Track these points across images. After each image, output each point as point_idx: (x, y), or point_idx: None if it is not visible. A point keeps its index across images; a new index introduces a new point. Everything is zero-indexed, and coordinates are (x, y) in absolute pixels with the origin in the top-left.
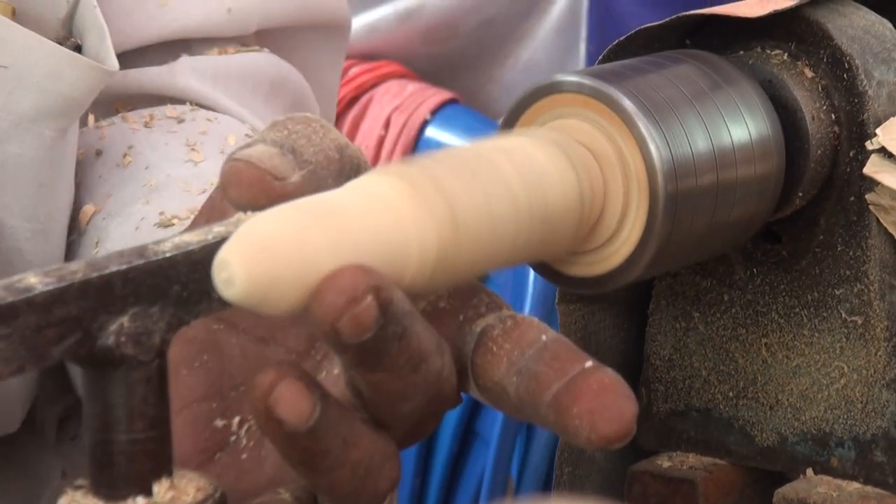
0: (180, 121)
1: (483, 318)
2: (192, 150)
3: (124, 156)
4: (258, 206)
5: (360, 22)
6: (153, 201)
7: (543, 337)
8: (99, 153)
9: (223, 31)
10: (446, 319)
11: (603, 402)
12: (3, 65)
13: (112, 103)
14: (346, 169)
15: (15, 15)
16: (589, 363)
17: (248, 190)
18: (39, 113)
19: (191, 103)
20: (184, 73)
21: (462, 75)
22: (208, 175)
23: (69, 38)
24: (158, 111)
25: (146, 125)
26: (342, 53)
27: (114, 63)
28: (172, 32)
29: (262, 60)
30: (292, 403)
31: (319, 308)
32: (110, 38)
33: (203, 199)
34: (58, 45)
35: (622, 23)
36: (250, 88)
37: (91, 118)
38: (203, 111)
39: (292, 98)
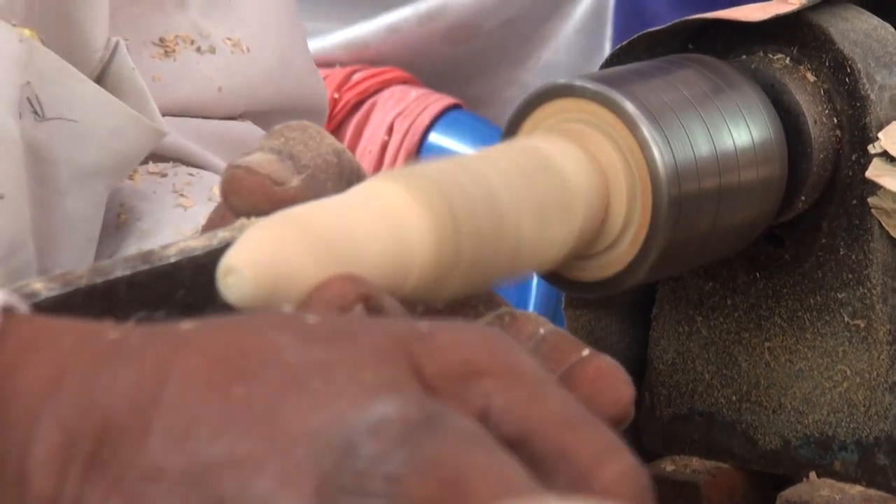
0: (163, 175)
1: (482, 317)
2: (181, 195)
3: (118, 215)
4: (259, 211)
5: (380, 24)
6: (146, 247)
7: (541, 330)
8: None
9: (212, 110)
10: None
11: (600, 388)
12: (73, 119)
13: None
14: (345, 172)
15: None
16: (586, 352)
17: (248, 196)
18: (99, 169)
19: (173, 161)
20: (168, 129)
21: (482, 77)
22: (199, 218)
23: None
24: (141, 168)
25: (130, 178)
26: None
27: (164, 125)
28: (163, 107)
29: (242, 128)
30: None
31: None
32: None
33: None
34: (124, 105)
35: (648, 21)
36: (231, 149)
37: None
38: (185, 167)
39: None
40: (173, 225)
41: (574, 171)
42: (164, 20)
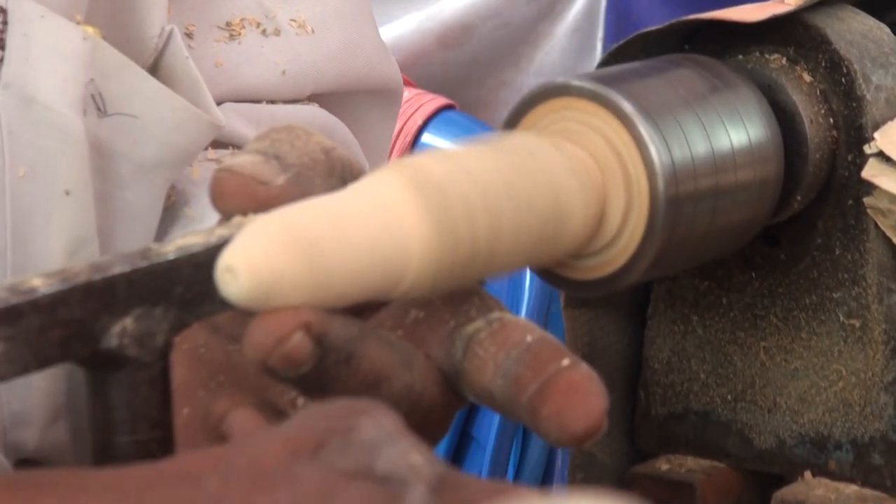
0: (219, 162)
1: (472, 322)
2: None
3: (168, 196)
4: (245, 211)
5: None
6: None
7: (528, 337)
8: None
9: (277, 94)
10: (437, 327)
11: (571, 402)
12: (133, 114)
13: None
14: (335, 169)
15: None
16: (566, 361)
17: (232, 197)
18: (158, 164)
19: (233, 147)
20: (228, 116)
21: (476, 79)
22: None
23: None
24: (200, 154)
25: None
26: (394, 117)
27: (220, 117)
28: (225, 93)
29: (306, 112)
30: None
31: (249, 349)
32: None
33: None
34: (183, 100)
35: (640, 23)
36: None
37: None
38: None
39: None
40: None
41: (564, 166)
42: (230, 2)
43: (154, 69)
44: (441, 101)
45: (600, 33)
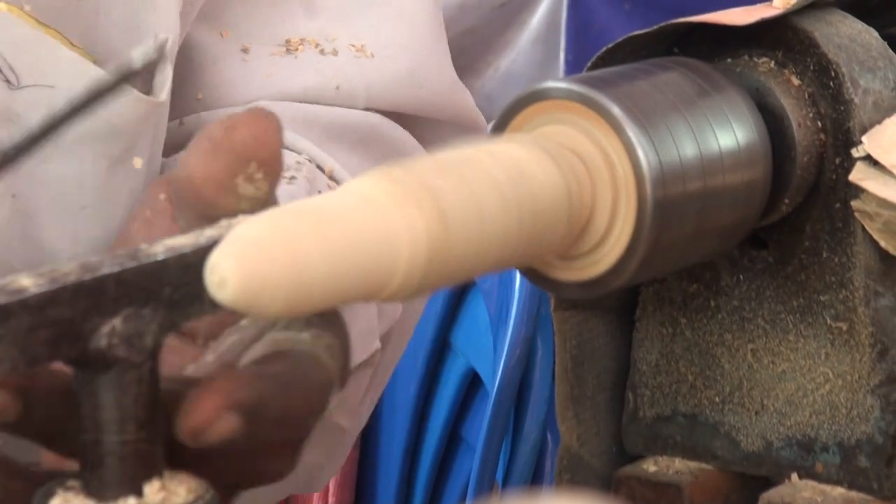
0: None
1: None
2: None
3: None
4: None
5: None
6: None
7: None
8: None
9: (329, 104)
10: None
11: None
12: (49, 84)
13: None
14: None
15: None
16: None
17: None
18: (81, 136)
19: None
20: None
21: None
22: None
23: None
24: None
25: None
26: None
27: (162, 95)
28: (273, 94)
29: (354, 115)
30: (220, 433)
31: (185, 436)
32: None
33: None
34: (101, 70)
35: (600, 33)
36: (333, 137)
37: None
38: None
39: (391, 156)
40: None
41: (552, 168)
42: (292, 26)
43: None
44: None
45: (563, 43)
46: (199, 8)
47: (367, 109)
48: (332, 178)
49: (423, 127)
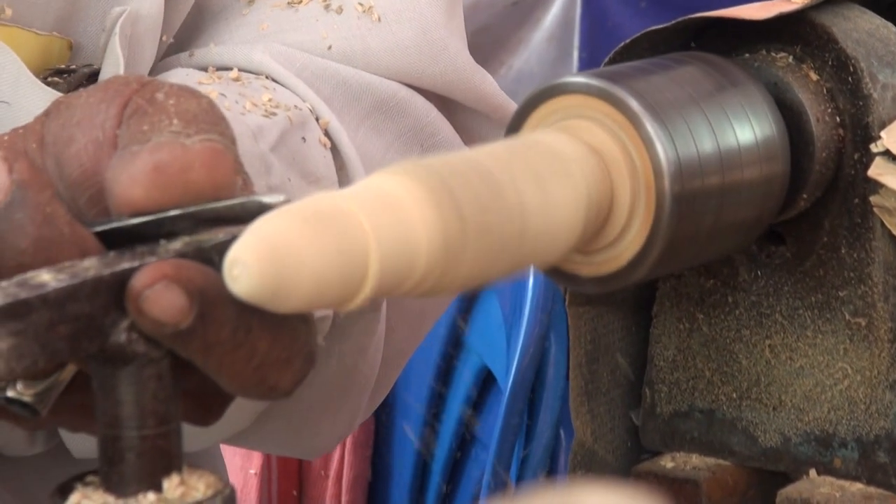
0: (236, 80)
1: None
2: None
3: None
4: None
5: None
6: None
7: None
8: None
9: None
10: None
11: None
12: (5, 101)
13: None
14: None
15: (72, 49)
16: None
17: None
18: None
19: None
20: (265, 53)
21: None
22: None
23: (90, 65)
24: (224, 73)
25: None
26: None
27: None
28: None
29: (374, 80)
30: (166, 306)
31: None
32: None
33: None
34: (58, 94)
35: (614, 30)
36: (345, 97)
37: None
38: (263, 80)
39: (411, 126)
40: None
41: (572, 149)
42: None
43: (104, 47)
44: None
45: (576, 41)
46: None
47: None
48: (326, 133)
49: (449, 110)
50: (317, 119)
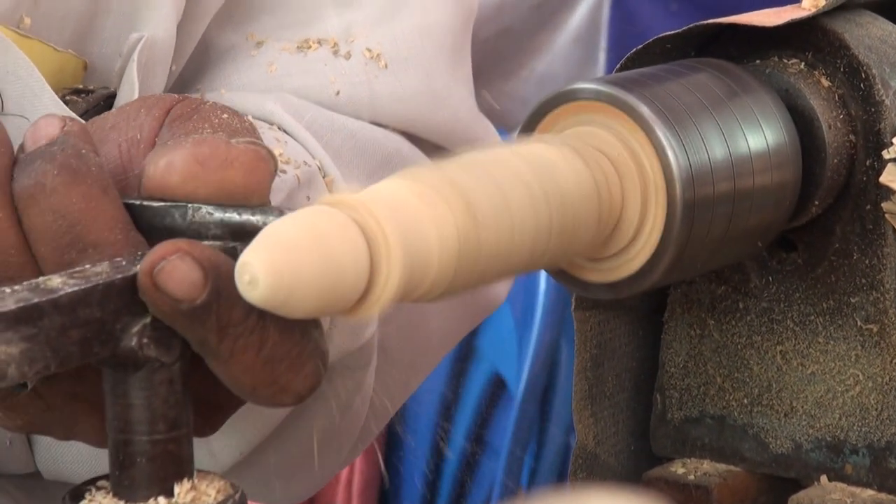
0: None
1: None
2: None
3: None
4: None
5: None
6: None
7: None
8: None
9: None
10: None
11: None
12: (25, 116)
13: None
14: None
15: (86, 70)
16: None
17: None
18: None
19: (277, 127)
20: (277, 102)
21: (477, 89)
22: None
23: (107, 87)
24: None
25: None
26: None
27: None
28: (270, 88)
29: (380, 135)
30: (181, 279)
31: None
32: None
33: None
34: (75, 116)
35: (643, 33)
36: (353, 151)
37: None
38: (276, 131)
39: None
40: None
41: (582, 155)
42: (319, 27)
43: (120, 72)
44: None
45: (603, 43)
46: (222, 9)
47: (373, 123)
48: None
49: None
50: (323, 175)
